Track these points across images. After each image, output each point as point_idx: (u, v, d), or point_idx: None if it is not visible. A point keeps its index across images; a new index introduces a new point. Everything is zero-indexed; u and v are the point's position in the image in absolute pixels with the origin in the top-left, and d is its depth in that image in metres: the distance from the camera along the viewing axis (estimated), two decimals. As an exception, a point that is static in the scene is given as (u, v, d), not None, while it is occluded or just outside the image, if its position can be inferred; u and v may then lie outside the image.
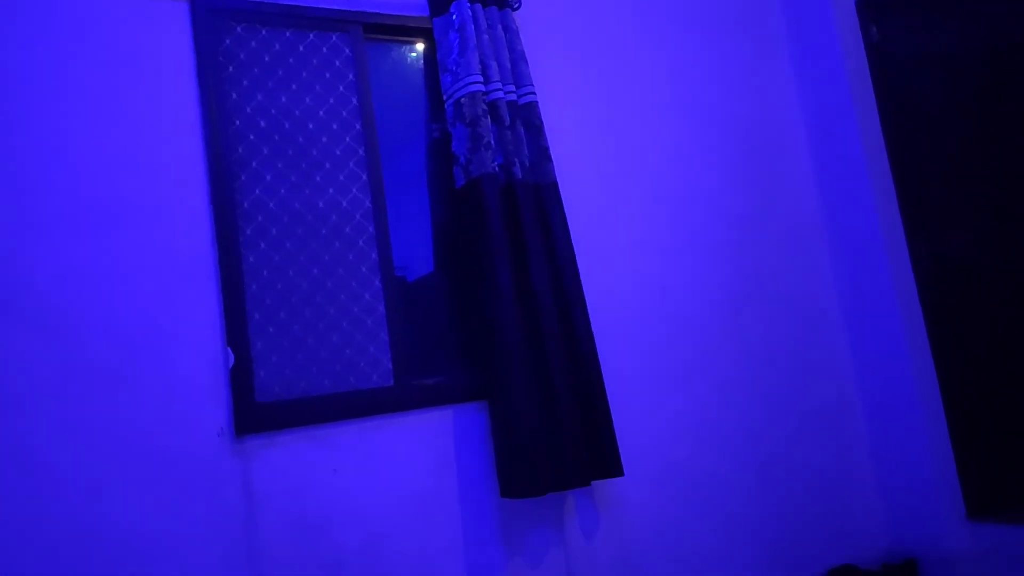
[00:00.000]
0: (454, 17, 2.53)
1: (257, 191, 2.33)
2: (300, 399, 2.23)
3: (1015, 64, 3.09)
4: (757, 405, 2.86)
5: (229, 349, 2.14)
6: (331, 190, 2.43)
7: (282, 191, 2.37)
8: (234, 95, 2.36)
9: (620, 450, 2.52)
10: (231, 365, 2.14)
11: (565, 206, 2.68)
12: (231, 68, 2.38)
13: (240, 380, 2.15)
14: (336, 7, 2.52)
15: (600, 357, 2.59)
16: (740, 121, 3.10)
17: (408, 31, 2.67)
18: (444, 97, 2.53)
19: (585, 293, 2.64)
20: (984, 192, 2.98)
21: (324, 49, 2.52)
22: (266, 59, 2.43)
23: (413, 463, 2.30)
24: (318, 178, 2.42)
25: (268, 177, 2.36)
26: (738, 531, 2.72)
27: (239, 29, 2.41)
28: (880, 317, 2.93)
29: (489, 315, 2.38)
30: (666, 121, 2.96)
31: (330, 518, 2.16)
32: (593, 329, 2.60)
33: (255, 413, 2.15)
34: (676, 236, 2.88)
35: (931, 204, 2.94)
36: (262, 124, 2.38)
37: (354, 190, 2.45)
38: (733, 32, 3.16)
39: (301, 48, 2.49)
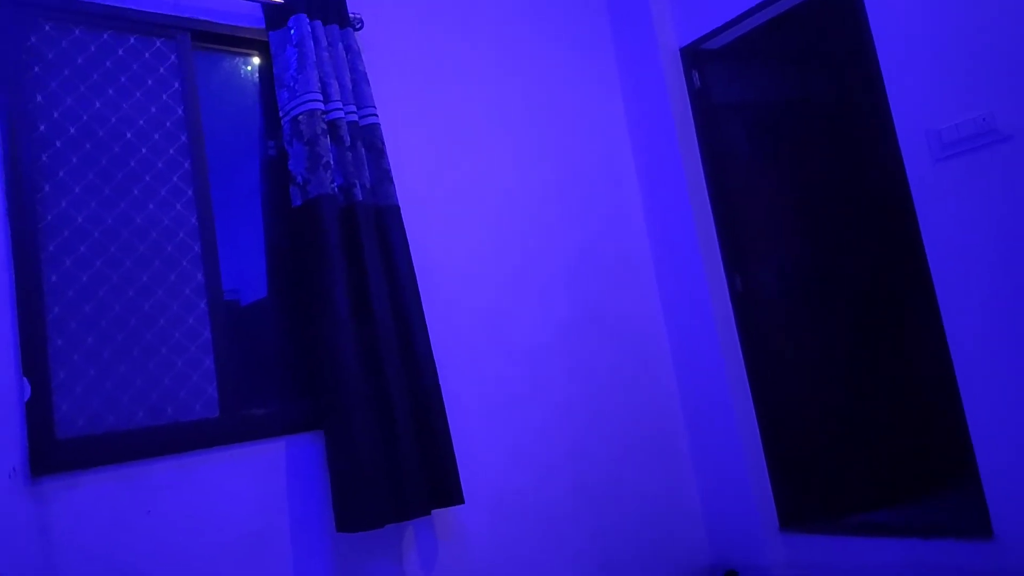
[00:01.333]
0: (292, 32, 2.45)
1: (63, 203, 2.11)
2: (109, 434, 2.02)
3: (809, 116, 3.46)
4: (590, 429, 2.94)
5: (25, 379, 1.90)
6: (151, 205, 2.24)
7: (93, 204, 2.15)
8: (39, 97, 2.13)
9: (460, 477, 2.49)
10: (26, 398, 1.89)
11: (407, 230, 2.64)
12: (36, 68, 2.15)
13: (37, 414, 1.91)
14: (162, 11, 2.36)
15: (441, 383, 2.55)
16: (576, 156, 3.21)
17: (242, 42, 2.54)
18: (280, 114, 2.43)
19: (427, 318, 2.61)
20: (786, 229, 3.29)
21: (147, 55, 2.34)
22: (79, 61, 2.22)
23: (240, 501, 2.14)
24: (136, 191, 2.23)
25: (77, 189, 2.14)
26: (574, 553, 2.76)
27: (48, 27, 2.19)
28: (702, 343, 3.13)
29: (325, 341, 2.28)
30: (506, 152, 3.02)
31: (143, 566, 1.95)
32: (434, 355, 2.57)
33: (54, 451, 1.92)
34: (515, 263, 2.93)
35: (744, 239, 3.19)
36: (71, 131, 2.16)
37: (178, 206, 2.28)
38: (570, 71, 3.29)
39: (120, 52, 2.30)
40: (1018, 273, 2.30)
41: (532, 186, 3.05)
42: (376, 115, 2.54)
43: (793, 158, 3.38)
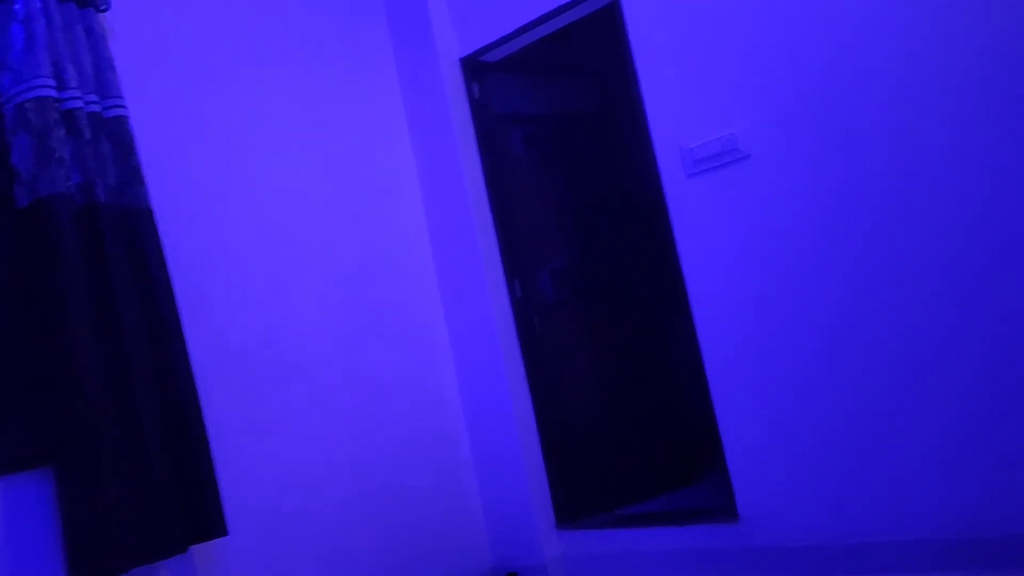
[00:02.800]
0: (17, 7, 2.14)
1: None
2: None
3: (582, 129, 3.65)
4: (370, 440, 2.86)
5: None
6: None
7: None
8: None
9: (224, 505, 2.30)
10: None
11: (165, 235, 2.40)
12: None
13: None
14: None
15: (202, 402, 2.34)
16: (354, 163, 3.12)
17: (-47, 15, 2.18)
18: (1, 100, 2.11)
19: (191, 331, 2.38)
20: (561, 237, 3.43)
21: None
22: None
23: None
24: None
25: None
26: (356, 566, 2.67)
27: None
28: (483, 348, 3.16)
29: (60, 360, 2.01)
30: (278, 156, 2.86)
31: None
32: (195, 371, 2.35)
33: None
34: (289, 272, 2.78)
35: (523, 246, 3.28)
36: None
37: None
38: (347, 75, 3.20)
39: None
40: (760, 280, 2.55)
41: (306, 191, 2.92)
42: (124, 107, 2.28)
43: (567, 168, 3.54)
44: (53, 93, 2.11)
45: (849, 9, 2.36)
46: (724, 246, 2.63)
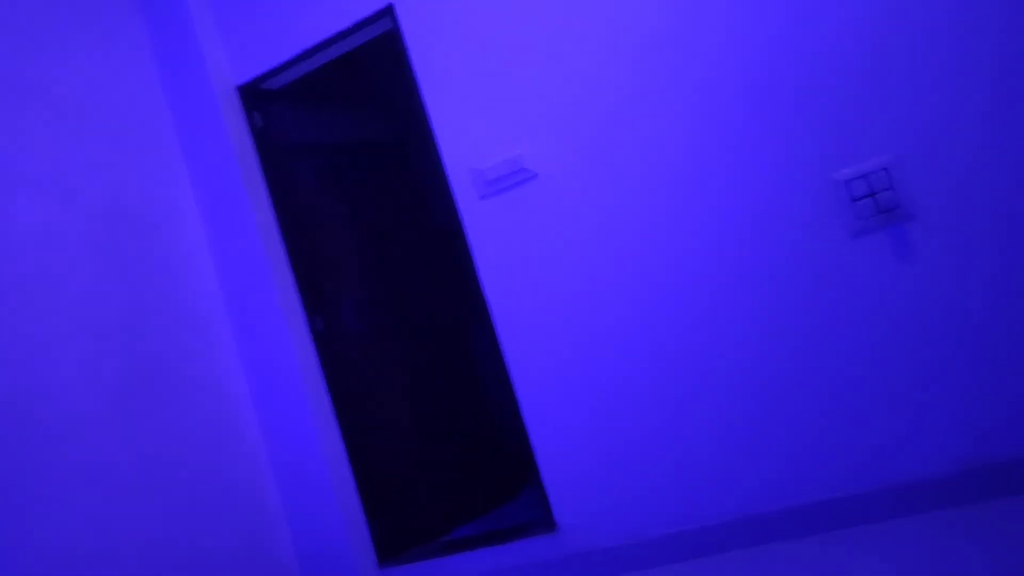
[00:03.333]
0: None
1: None
2: None
3: (374, 156, 3.61)
4: (155, 507, 2.58)
5: None
6: None
7: None
8: None
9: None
10: None
11: None
12: None
13: None
14: None
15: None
16: (122, 201, 2.85)
17: None
18: None
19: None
20: (362, 268, 3.35)
21: None
22: None
23: None
24: None
25: None
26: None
27: None
28: (286, 388, 2.99)
29: None
30: (41, 201, 2.54)
31: None
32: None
33: None
34: (49, 325, 2.46)
35: (323, 279, 3.16)
36: None
37: None
38: (114, 123, 2.93)
39: None
40: (559, 294, 2.63)
41: (66, 235, 2.61)
42: None
43: (365, 198, 3.48)
44: None
45: (625, 33, 2.52)
46: (521, 263, 2.69)
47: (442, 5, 2.76)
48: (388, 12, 2.86)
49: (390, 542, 3.01)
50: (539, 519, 2.76)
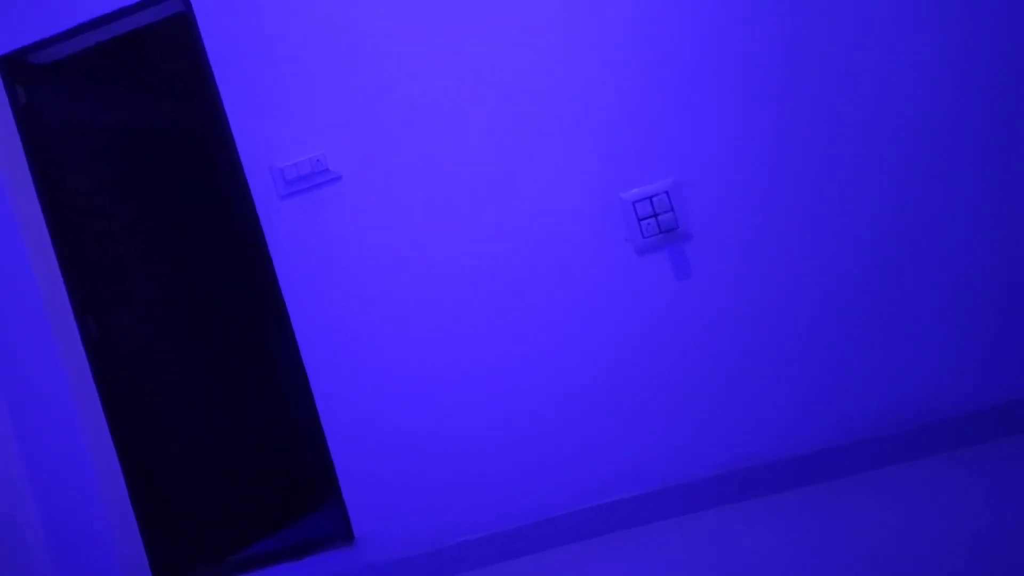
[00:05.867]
0: None
1: None
2: None
3: (165, 146, 3.33)
4: None
5: None
6: None
7: None
8: None
9: None
10: None
11: None
12: None
13: None
14: None
15: None
16: None
17: None
18: None
19: None
20: (150, 265, 3.07)
21: None
22: None
23: None
24: None
25: None
26: None
27: None
28: (51, 401, 2.67)
29: None
30: None
31: None
32: None
33: None
34: None
35: (100, 279, 2.86)
36: None
37: None
38: None
39: None
40: (357, 304, 2.56)
41: None
42: None
43: (151, 190, 3.19)
44: None
45: (429, 38, 2.50)
46: (321, 267, 2.59)
47: (242, -10, 2.60)
48: (180, -9, 2.64)
49: (173, 562, 2.79)
50: (337, 532, 2.68)
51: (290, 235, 2.61)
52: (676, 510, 2.42)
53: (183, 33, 2.81)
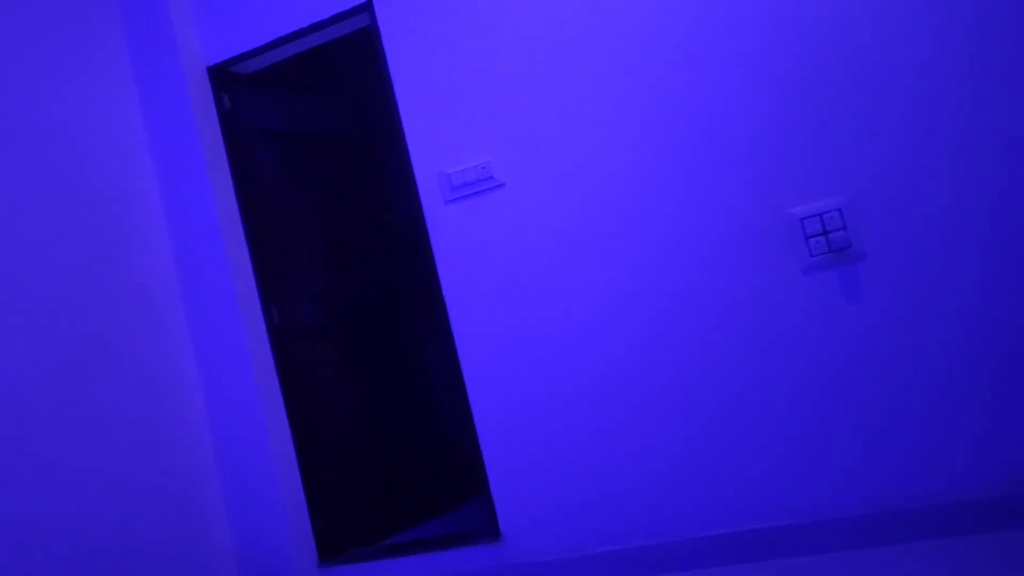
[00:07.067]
0: None
1: None
2: None
3: (341, 149, 3.57)
4: (92, 490, 2.51)
5: None
6: None
7: None
8: None
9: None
10: None
11: None
12: None
13: None
14: None
15: None
16: (82, 180, 2.77)
17: None
18: None
19: None
20: (320, 260, 3.31)
21: None
22: None
23: None
24: None
25: None
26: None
27: None
28: (236, 377, 2.94)
29: None
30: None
31: None
32: None
33: None
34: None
35: (280, 269, 3.12)
36: None
37: None
38: (77, 90, 2.84)
39: None
40: (518, 304, 2.63)
41: (19, 204, 2.53)
42: None
43: (327, 189, 3.44)
44: None
45: (596, 55, 2.54)
46: (483, 271, 2.69)
47: (422, 4, 2.74)
48: (367, 8, 2.83)
49: (331, 541, 2.99)
50: (484, 527, 2.77)
51: (453, 238, 2.73)
52: (827, 546, 2.30)
53: (366, 46, 3.01)
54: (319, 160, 3.44)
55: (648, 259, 2.49)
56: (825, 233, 2.29)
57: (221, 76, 3.09)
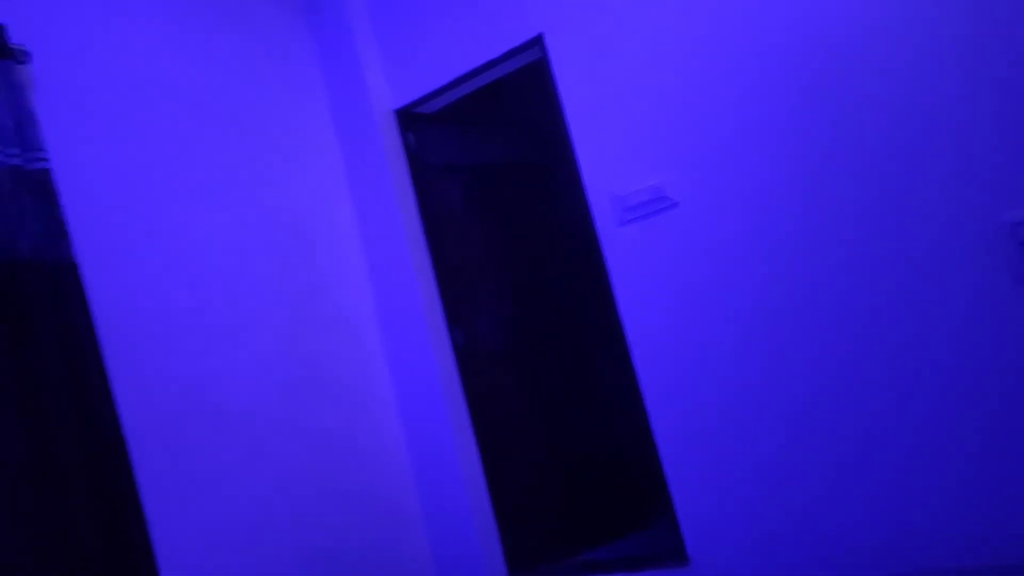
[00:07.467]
0: (-67, 59, 2.07)
1: None
2: None
3: (516, 178, 3.72)
4: (314, 494, 2.78)
5: None
6: None
7: None
8: None
9: (159, 567, 2.18)
10: None
11: (94, 289, 2.31)
12: None
13: None
14: None
15: (136, 460, 2.24)
16: (292, 213, 3.09)
17: None
18: (-85, 153, 2.02)
19: (123, 392, 2.29)
20: (499, 285, 3.45)
21: None
22: None
23: None
24: None
25: None
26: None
27: None
28: (427, 397, 3.13)
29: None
30: (212, 207, 2.81)
31: None
32: (128, 429, 2.25)
33: None
34: (225, 324, 2.71)
35: (464, 295, 3.29)
36: None
37: None
38: (281, 126, 3.19)
39: None
40: (697, 323, 2.61)
41: (240, 242, 2.86)
42: (47, 160, 2.22)
43: (504, 217, 3.59)
44: (-30, 146, 2.04)
45: (777, 71, 2.48)
46: (660, 291, 2.69)
47: (589, 34, 2.82)
48: (537, 41, 2.95)
49: (520, 556, 3.07)
50: (671, 550, 2.73)
51: (628, 259, 2.75)
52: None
53: (537, 78, 3.14)
54: (497, 189, 3.60)
55: (844, 277, 2.37)
56: (1042, 237, 2.09)
57: (407, 117, 3.34)
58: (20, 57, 2.28)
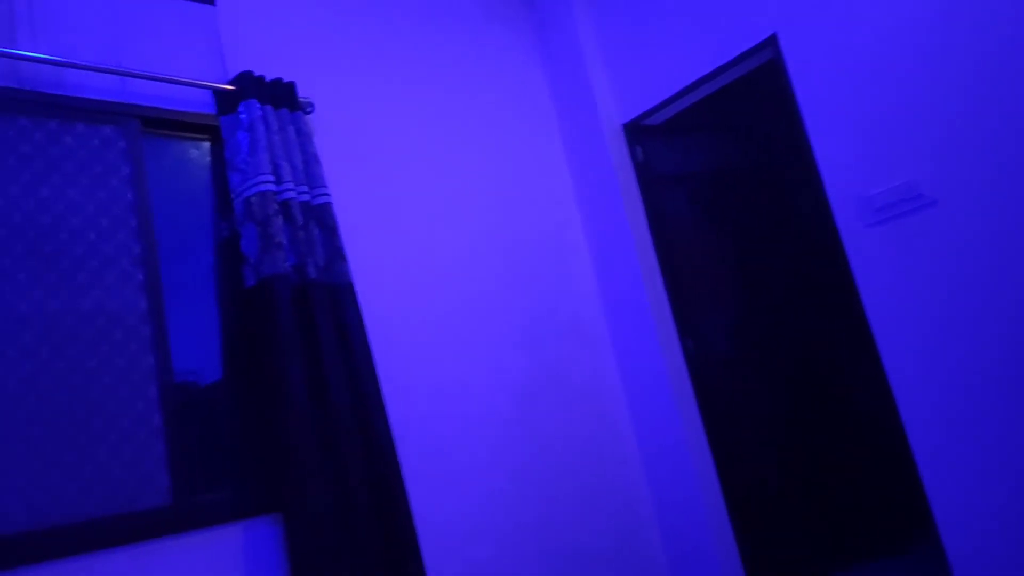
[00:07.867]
0: (243, 116, 2.48)
1: (6, 292, 2.06)
2: (52, 528, 1.92)
3: (746, 184, 3.62)
4: (553, 495, 2.92)
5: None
6: (98, 291, 2.20)
7: (37, 292, 2.11)
8: (-17, 186, 2.11)
9: (423, 554, 2.43)
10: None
11: (362, 306, 2.65)
12: (-19, 156, 2.13)
13: (-27, 513, 1.82)
14: (111, 99, 2.38)
15: (400, 459, 2.52)
16: (527, 228, 3.29)
17: (192, 127, 2.57)
18: (232, 196, 2.44)
19: (384, 393, 2.59)
20: (731, 292, 3.38)
21: (95, 141, 2.34)
22: (24, 149, 2.21)
23: (193, 593, 2.05)
24: (81, 278, 2.19)
25: (21, 277, 2.09)
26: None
27: (-7, 116, 2.19)
28: (658, 404, 3.16)
29: (281, 420, 2.24)
30: (458, 225, 3.07)
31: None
32: (393, 429, 2.54)
33: (-8, 551, 1.82)
34: (470, 333, 2.94)
35: (693, 303, 3.27)
36: (16, 219, 2.13)
37: (127, 290, 2.25)
38: (517, 148, 3.40)
39: (68, 139, 2.30)
40: (956, 329, 2.39)
41: (485, 256, 3.10)
42: (328, 194, 2.57)
43: (733, 225, 3.52)
44: (273, 187, 2.42)
45: (1040, 39, 2.23)
46: (917, 296, 2.49)
47: (825, 29, 2.70)
48: (771, 42, 2.88)
49: (759, 566, 2.99)
50: (932, 577, 2.52)
51: (878, 263, 2.59)
52: None
53: (767, 79, 3.05)
54: (726, 196, 3.54)
55: None
56: None
57: (634, 130, 3.40)
58: (306, 108, 2.67)
